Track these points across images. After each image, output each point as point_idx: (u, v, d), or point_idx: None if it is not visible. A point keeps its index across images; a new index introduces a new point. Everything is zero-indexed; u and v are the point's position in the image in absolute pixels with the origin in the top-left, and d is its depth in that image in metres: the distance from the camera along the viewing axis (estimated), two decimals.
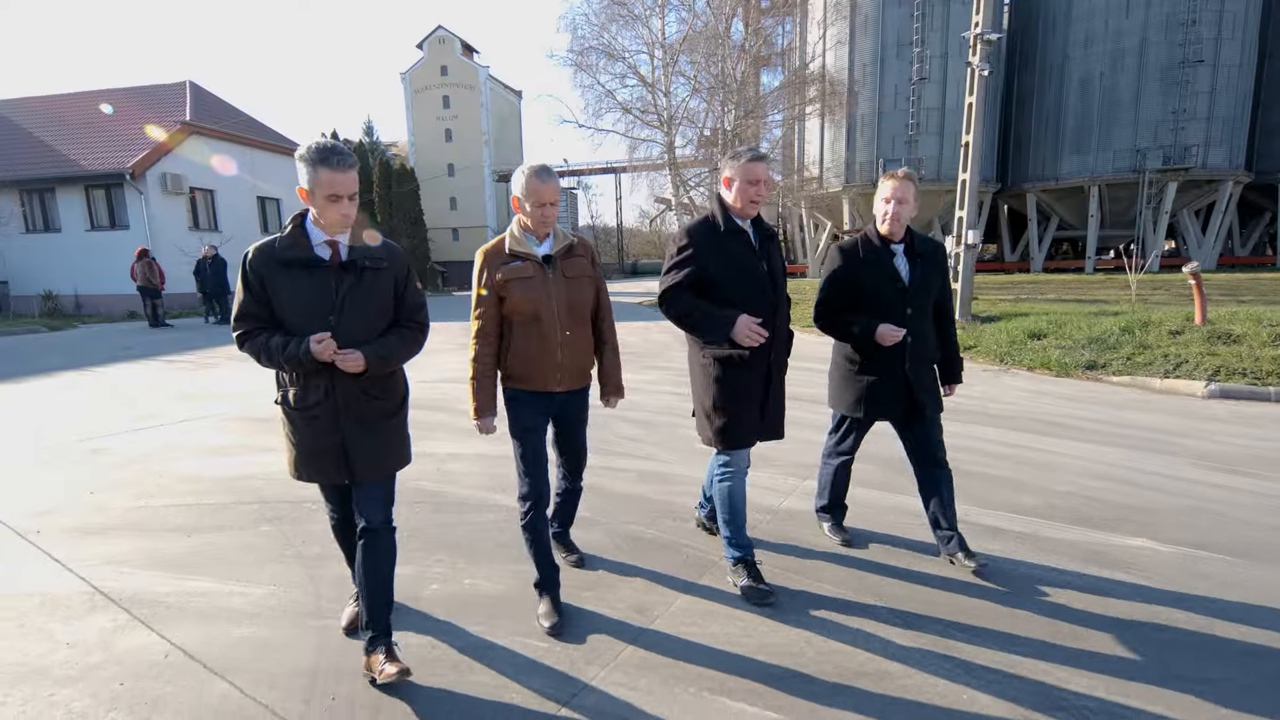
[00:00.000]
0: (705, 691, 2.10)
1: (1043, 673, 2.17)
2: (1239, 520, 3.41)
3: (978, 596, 2.67)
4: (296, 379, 2.08)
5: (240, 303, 2.05)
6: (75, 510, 3.68)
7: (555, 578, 2.56)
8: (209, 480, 4.16)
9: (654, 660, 2.27)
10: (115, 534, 3.35)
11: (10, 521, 3.52)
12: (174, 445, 4.99)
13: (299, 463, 2.15)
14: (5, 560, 3.08)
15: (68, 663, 2.27)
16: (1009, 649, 2.30)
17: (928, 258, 2.89)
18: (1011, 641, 2.35)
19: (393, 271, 2.15)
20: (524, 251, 2.44)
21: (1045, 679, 2.14)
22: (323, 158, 1.93)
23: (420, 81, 48.96)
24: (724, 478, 2.73)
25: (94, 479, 4.21)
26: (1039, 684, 2.11)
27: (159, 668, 2.24)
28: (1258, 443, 4.84)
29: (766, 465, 4.20)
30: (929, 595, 2.68)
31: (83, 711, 2.02)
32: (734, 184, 2.62)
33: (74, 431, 5.44)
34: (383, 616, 2.17)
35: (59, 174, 19.98)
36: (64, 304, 19.95)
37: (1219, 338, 7.66)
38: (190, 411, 6.14)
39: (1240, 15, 30.06)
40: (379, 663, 2.09)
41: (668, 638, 2.41)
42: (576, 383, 2.59)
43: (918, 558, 3.02)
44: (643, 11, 19.15)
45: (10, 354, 10.79)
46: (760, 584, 2.66)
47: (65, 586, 2.81)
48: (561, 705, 2.04)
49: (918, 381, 2.85)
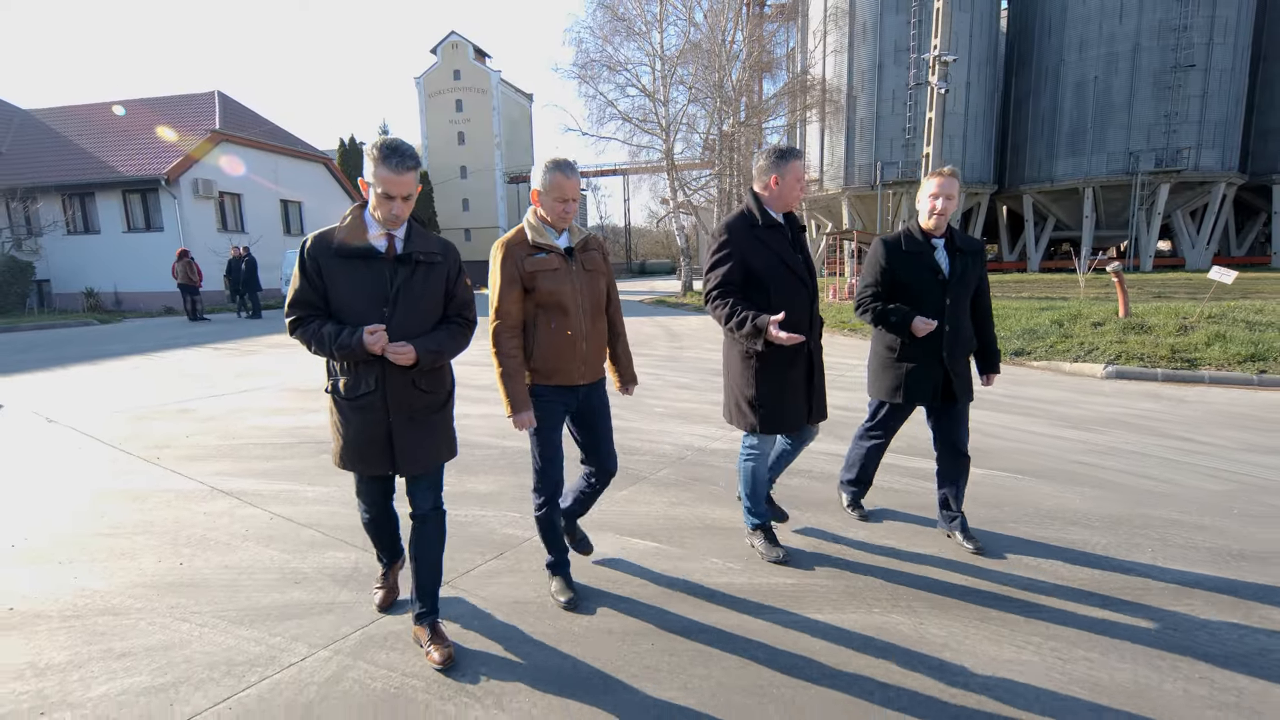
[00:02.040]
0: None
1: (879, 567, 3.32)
2: (1041, 454, 4.55)
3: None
4: (347, 368, 2.09)
5: (296, 289, 2.06)
6: (180, 447, 4.92)
7: (566, 559, 2.72)
8: (274, 429, 5.39)
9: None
10: (214, 459, 4.58)
11: (137, 453, 4.77)
12: (241, 408, 6.24)
13: (344, 452, 2.17)
14: (145, 474, 4.31)
15: (209, 522, 3.48)
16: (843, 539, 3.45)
17: (968, 253, 3.02)
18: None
19: (445, 267, 2.18)
20: (547, 243, 2.44)
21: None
22: (384, 157, 1.97)
23: (433, 86, 50.38)
24: (749, 458, 2.95)
25: (187, 428, 5.46)
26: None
27: (269, 524, 3.45)
28: (1113, 409, 5.95)
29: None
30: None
31: (227, 540, 3.23)
32: (782, 181, 2.72)
33: (159, 399, 6.71)
34: (433, 593, 2.31)
35: (99, 179, 21.41)
36: (104, 300, 21.42)
37: (1133, 328, 8.71)
38: (247, 385, 7.41)
39: (1232, 21, 30.69)
40: (425, 638, 2.26)
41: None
42: (596, 375, 2.62)
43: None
44: (643, 27, 20.30)
45: (75, 342, 12.18)
46: (775, 545, 2.99)
47: (191, 486, 4.04)
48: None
49: (954, 369, 2.98)
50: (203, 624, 2.49)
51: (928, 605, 2.59)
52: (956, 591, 2.70)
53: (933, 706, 2.00)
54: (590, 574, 2.90)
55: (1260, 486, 3.91)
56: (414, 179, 2.03)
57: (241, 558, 3.06)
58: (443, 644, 2.23)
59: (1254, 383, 6.94)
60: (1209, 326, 8.33)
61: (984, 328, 3.16)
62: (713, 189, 23.30)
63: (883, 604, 2.61)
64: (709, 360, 8.99)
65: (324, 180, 27.04)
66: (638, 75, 21.13)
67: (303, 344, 2.06)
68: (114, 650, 2.33)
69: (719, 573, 2.89)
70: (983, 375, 3.23)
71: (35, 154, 22.89)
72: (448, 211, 49.02)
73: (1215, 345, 7.68)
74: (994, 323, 3.21)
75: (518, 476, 4.13)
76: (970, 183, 33.46)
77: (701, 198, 24.14)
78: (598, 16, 20.86)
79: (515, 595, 2.71)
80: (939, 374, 2.98)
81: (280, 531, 3.34)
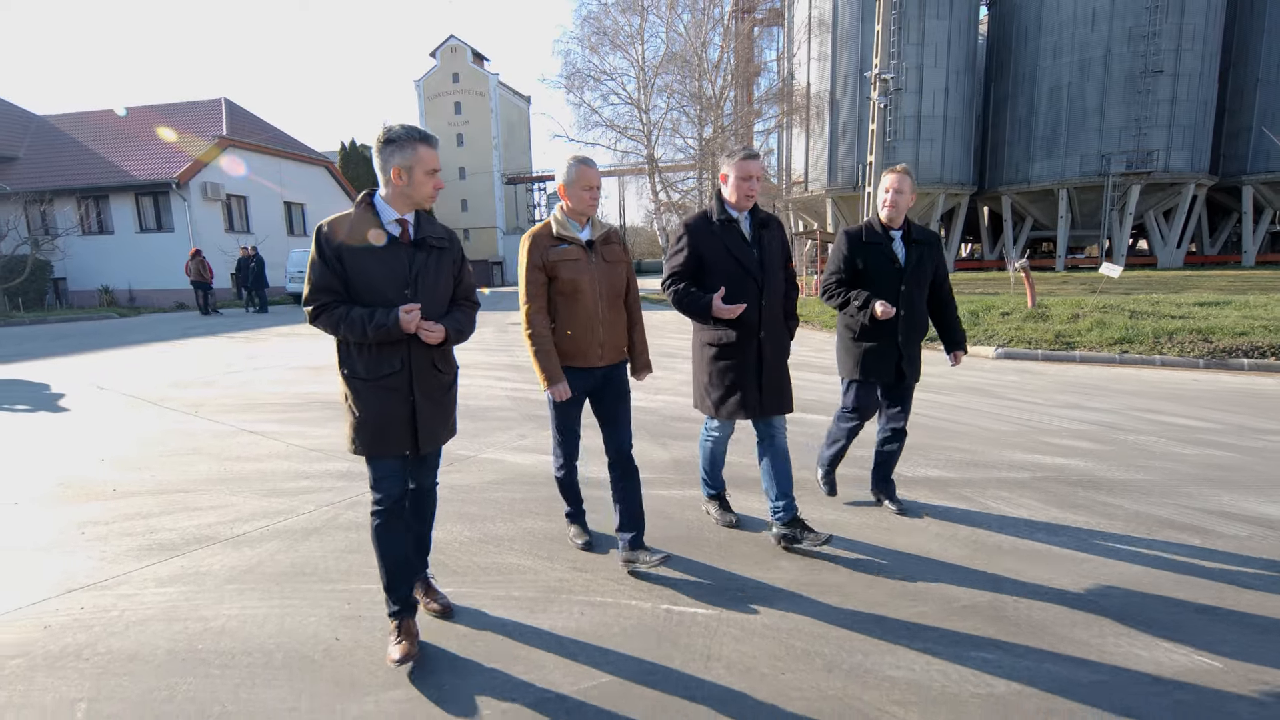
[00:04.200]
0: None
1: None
2: None
3: None
4: (369, 350, 2.10)
5: (316, 277, 2.07)
6: (211, 405, 6.18)
7: (581, 510, 3.10)
8: (286, 395, 6.64)
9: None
10: (240, 413, 5.83)
11: (177, 408, 6.02)
12: (257, 380, 7.49)
13: (362, 433, 2.15)
14: (188, 420, 5.56)
15: (241, 447, 4.72)
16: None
17: (923, 244, 3.26)
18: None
19: (452, 253, 2.28)
20: (569, 236, 2.66)
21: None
22: (423, 137, 2.06)
23: (433, 89, 51.55)
24: (709, 440, 3.25)
25: (216, 395, 6.72)
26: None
27: (286, 448, 4.69)
28: (977, 380, 7.18)
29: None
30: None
31: (256, 456, 4.47)
32: (730, 179, 2.89)
33: (186, 374, 7.96)
34: (423, 559, 2.53)
35: (113, 183, 22.67)
36: (119, 297, 22.71)
37: (1033, 318, 9.95)
38: (260, 364, 8.67)
39: (1200, 28, 31.89)
40: (419, 593, 2.47)
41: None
42: (614, 358, 2.79)
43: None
44: (624, 40, 21.57)
45: (100, 333, 13.45)
46: (728, 512, 3.34)
47: (225, 429, 5.28)
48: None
49: (907, 351, 3.24)
50: (245, 496, 3.75)
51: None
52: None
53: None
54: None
55: (1038, 428, 5.15)
56: None
57: (267, 465, 4.31)
58: (437, 597, 2.50)
59: (1116, 361, 8.17)
60: (1097, 316, 9.56)
61: (945, 311, 3.41)
62: (695, 191, 24.54)
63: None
64: (665, 345, 10.20)
65: (326, 183, 28.30)
66: (624, 83, 22.40)
67: (326, 330, 2.09)
68: (190, 506, 3.60)
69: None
70: (949, 353, 3.44)
71: (52, 158, 24.17)
72: (447, 212, 50.19)
73: (1094, 331, 8.91)
74: (956, 306, 3.46)
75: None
76: (949, 184, 34.65)
77: (689, 199, 25.40)
78: (584, 29, 22.13)
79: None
80: (894, 353, 3.21)
81: (294, 451, 4.59)
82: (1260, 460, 4.29)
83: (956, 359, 3.43)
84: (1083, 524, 3.30)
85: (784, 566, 2.87)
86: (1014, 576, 2.75)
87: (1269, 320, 8.67)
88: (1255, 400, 6.08)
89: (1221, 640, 2.27)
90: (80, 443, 4.97)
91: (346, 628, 2.39)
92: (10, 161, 24.06)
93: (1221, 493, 3.71)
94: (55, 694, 2.05)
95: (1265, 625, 2.37)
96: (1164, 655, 2.19)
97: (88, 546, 3.12)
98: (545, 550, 3.04)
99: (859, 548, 3.06)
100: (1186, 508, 3.50)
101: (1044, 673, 2.11)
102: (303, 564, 2.91)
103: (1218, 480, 3.92)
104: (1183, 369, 7.74)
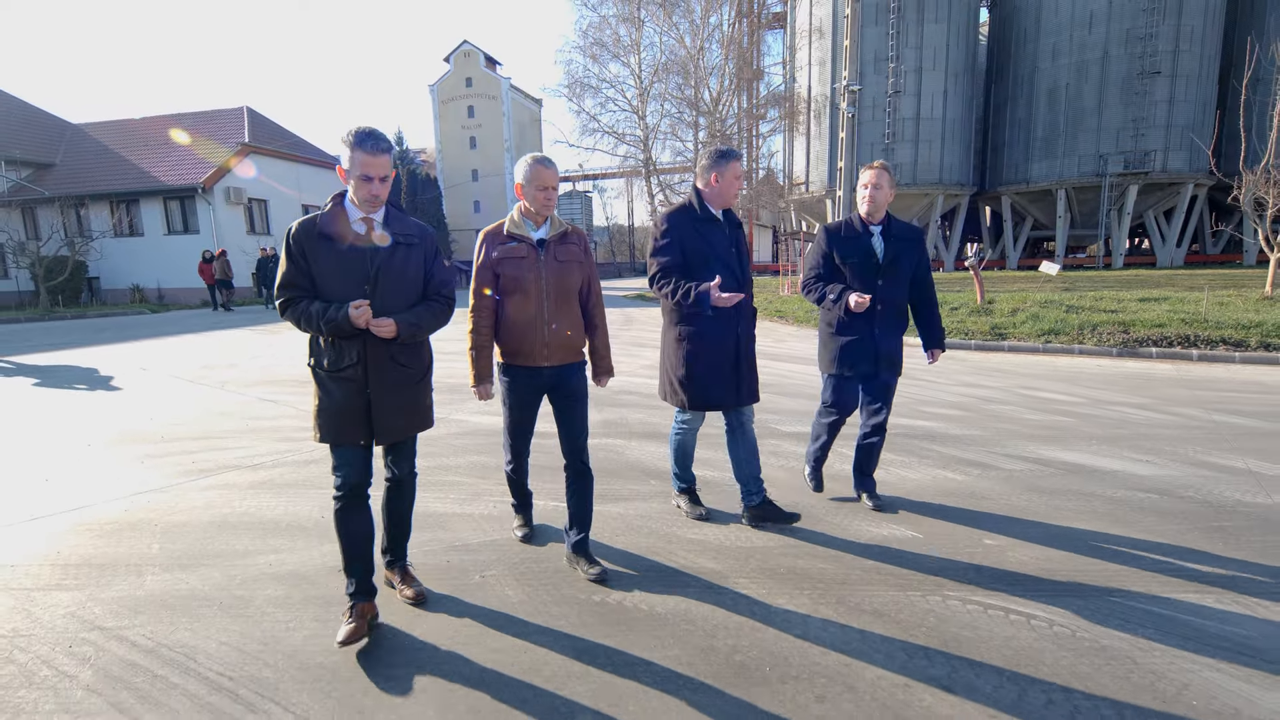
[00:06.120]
0: None
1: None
2: (813, 387, 6.73)
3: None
4: (331, 345, 2.21)
5: (284, 272, 2.18)
6: (238, 381, 7.31)
7: (529, 502, 3.15)
8: (301, 374, 7.75)
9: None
10: (260, 387, 6.95)
11: (209, 385, 7.17)
12: (275, 363, 8.63)
13: (324, 423, 2.27)
14: (219, 392, 6.69)
15: (263, 409, 5.82)
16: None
17: (904, 239, 3.30)
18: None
19: (422, 249, 2.31)
20: (520, 234, 2.65)
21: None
22: (359, 141, 2.12)
23: (446, 93, 52.94)
24: (679, 432, 3.27)
25: (240, 374, 7.86)
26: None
27: (298, 413, 5.77)
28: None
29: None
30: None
31: (274, 416, 5.56)
32: (721, 179, 2.97)
33: (215, 358, 9.13)
34: (402, 544, 2.60)
35: (143, 188, 24.13)
36: (149, 295, 24.18)
37: (977, 312, 10.82)
38: (279, 351, 9.83)
39: (1198, 30, 32.25)
40: (397, 579, 2.58)
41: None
42: (564, 359, 2.73)
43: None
44: (620, 51, 22.64)
45: (136, 326, 14.77)
46: (698, 505, 3.37)
47: (249, 399, 6.39)
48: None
49: (884, 344, 3.27)
50: (263, 441, 4.84)
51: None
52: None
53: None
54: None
55: (921, 400, 6.09)
56: (389, 161, 2.19)
57: (280, 422, 5.41)
58: (412, 584, 2.57)
59: (1039, 350, 9.04)
60: (1033, 310, 10.42)
61: (926, 308, 3.42)
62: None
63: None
64: (643, 338, 11.22)
65: (341, 186, 29.53)
66: (623, 90, 23.44)
67: (292, 323, 2.21)
68: (220, 448, 4.71)
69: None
70: (927, 350, 3.45)
71: (86, 165, 25.71)
72: (460, 213, 51.56)
73: (1027, 324, 9.77)
74: (937, 304, 3.46)
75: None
76: (948, 185, 35.26)
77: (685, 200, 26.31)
78: (585, 39, 23.23)
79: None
80: (871, 347, 3.26)
81: (302, 414, 5.69)
82: (1087, 423, 5.20)
83: (934, 356, 3.45)
84: (901, 462, 4.27)
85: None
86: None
87: (1188, 315, 9.49)
88: (1134, 381, 6.94)
89: (936, 520, 3.26)
90: (132, 408, 6.10)
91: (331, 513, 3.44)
92: (48, 168, 25.65)
93: (1030, 444, 4.65)
94: (135, 543, 3.13)
95: (965, 514, 3.35)
96: (885, 530, 3.19)
97: (146, 470, 4.23)
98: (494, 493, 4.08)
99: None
100: (991, 452, 4.46)
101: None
102: (304, 480, 3.98)
103: (1037, 436, 4.85)
104: (1097, 357, 8.58)
